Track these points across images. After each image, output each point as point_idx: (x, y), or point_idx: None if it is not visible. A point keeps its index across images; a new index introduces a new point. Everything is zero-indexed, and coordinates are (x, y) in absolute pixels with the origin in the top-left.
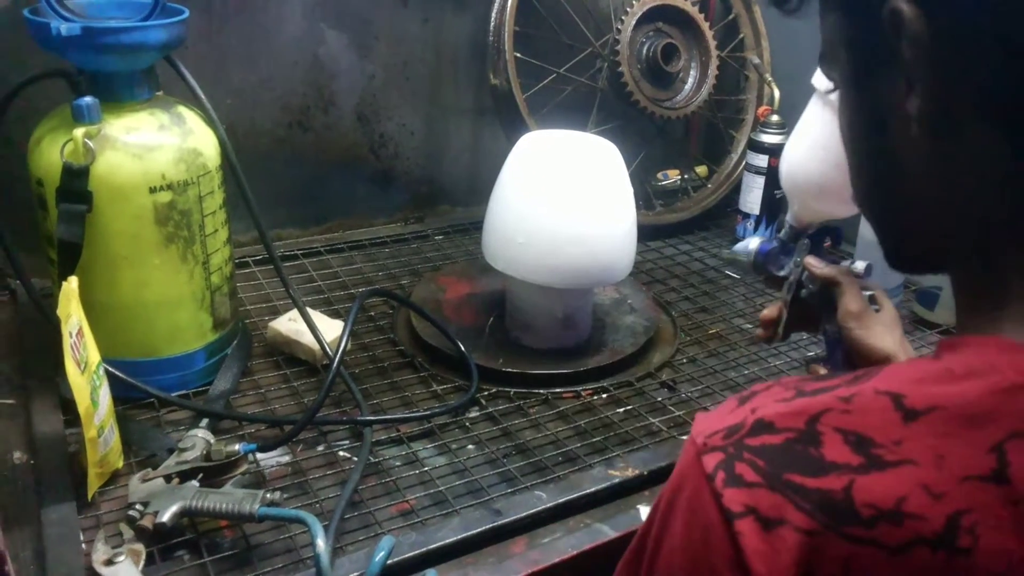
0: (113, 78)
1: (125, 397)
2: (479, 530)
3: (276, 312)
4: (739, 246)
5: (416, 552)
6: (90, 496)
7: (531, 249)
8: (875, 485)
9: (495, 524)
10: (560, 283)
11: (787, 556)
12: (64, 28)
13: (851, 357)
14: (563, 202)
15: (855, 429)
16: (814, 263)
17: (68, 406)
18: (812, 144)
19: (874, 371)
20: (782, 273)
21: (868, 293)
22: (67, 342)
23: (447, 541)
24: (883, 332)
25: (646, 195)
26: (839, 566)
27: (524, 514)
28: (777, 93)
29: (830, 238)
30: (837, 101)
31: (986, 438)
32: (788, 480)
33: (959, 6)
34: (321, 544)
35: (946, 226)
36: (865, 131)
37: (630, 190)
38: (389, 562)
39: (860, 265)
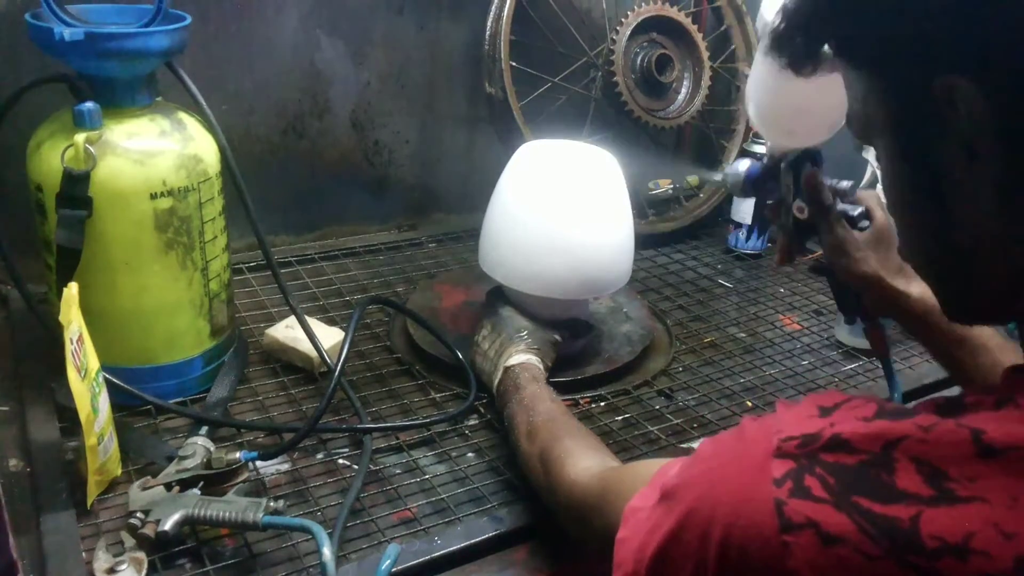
0: (115, 83)
1: (121, 404)
2: (482, 538)
3: (271, 319)
4: (729, 169)
5: (420, 560)
6: (89, 504)
7: (530, 260)
8: (944, 518)
9: (498, 532)
10: (560, 293)
11: (840, 572)
12: (68, 33)
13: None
14: (563, 212)
15: (930, 460)
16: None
17: (64, 413)
18: (766, 90)
19: (968, 404)
20: (771, 201)
21: (858, 210)
22: (68, 348)
23: (451, 549)
24: (865, 256)
25: (639, 204)
26: None
27: (527, 522)
28: None
29: (811, 162)
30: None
31: None
32: (856, 502)
33: (1017, 76)
34: (327, 553)
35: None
36: (918, 198)
37: (628, 200)
38: (393, 570)
39: (845, 184)
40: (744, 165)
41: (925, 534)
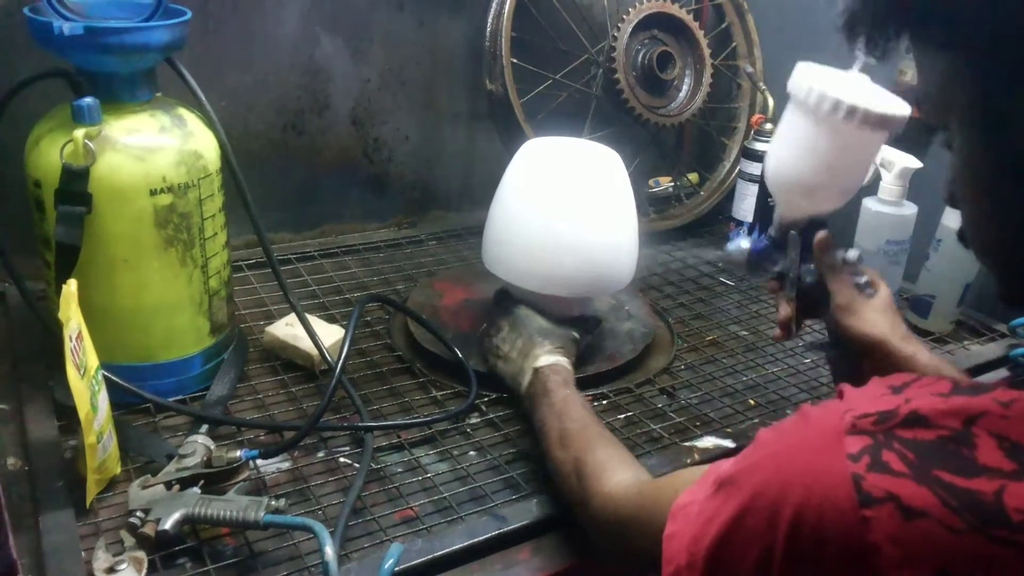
0: (114, 79)
1: (120, 402)
2: (484, 537)
3: (271, 317)
4: (731, 246)
5: (422, 559)
6: (88, 503)
7: (536, 258)
8: None
9: (500, 531)
10: (567, 292)
11: (925, 547)
12: (67, 28)
13: (845, 342)
14: (569, 210)
15: (1011, 436)
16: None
17: (62, 411)
18: (797, 148)
19: None
20: (776, 269)
21: (863, 279)
22: (67, 346)
23: (453, 548)
24: (875, 319)
25: (640, 202)
26: (980, 565)
27: (529, 521)
28: (771, 102)
29: (819, 230)
30: (830, 116)
31: None
32: (937, 476)
33: None
34: (330, 552)
35: None
36: (998, 179)
37: (632, 198)
38: (396, 570)
39: (853, 254)
40: (746, 242)
41: (1010, 507)
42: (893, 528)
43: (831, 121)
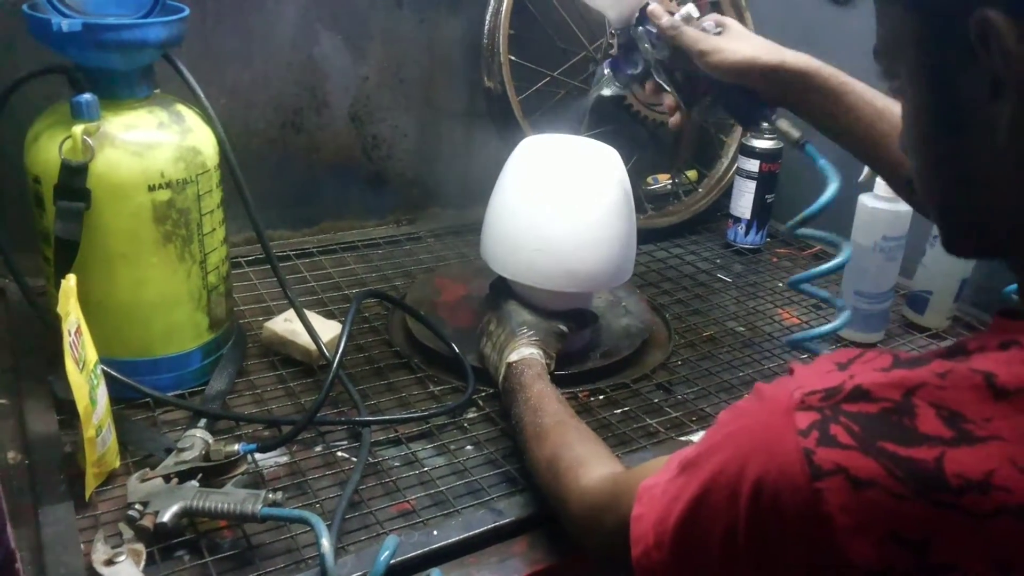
0: (113, 75)
1: (120, 397)
2: (481, 530)
3: (270, 312)
4: (595, 82)
5: (419, 552)
6: (87, 496)
7: (535, 254)
8: (965, 458)
9: (497, 524)
10: (565, 287)
11: (874, 514)
12: (65, 24)
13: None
14: (568, 207)
15: (948, 404)
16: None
17: (62, 406)
18: None
19: (971, 350)
20: (640, 70)
21: (710, 24)
22: (66, 340)
23: (449, 541)
24: (735, 47)
25: (638, 199)
26: (925, 529)
27: (525, 514)
28: None
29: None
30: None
31: None
32: (882, 447)
33: None
34: (326, 544)
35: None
36: (939, 131)
37: (631, 194)
38: (392, 562)
39: (687, 9)
40: (605, 67)
41: (949, 473)
42: (844, 498)
43: None
